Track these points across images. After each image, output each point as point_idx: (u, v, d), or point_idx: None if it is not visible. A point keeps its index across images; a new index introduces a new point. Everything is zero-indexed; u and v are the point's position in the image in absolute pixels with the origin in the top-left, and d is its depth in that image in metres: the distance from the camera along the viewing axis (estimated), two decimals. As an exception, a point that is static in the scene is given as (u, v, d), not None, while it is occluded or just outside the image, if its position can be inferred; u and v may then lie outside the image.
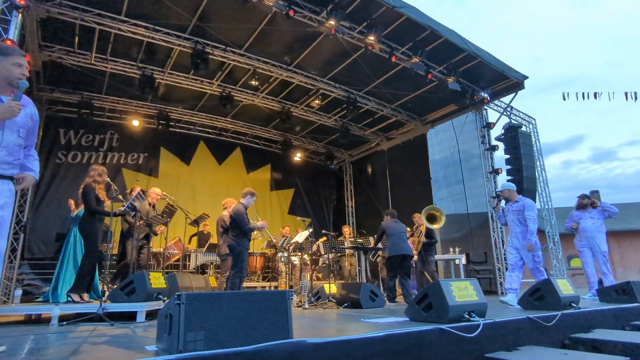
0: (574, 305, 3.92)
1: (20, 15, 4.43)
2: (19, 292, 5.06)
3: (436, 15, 7.05)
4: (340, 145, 12.52)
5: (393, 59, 7.55)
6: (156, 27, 7.02)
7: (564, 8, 76.17)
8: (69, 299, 4.57)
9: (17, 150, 2.36)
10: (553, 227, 10.21)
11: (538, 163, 10.29)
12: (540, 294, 4.09)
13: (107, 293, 4.49)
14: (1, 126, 2.25)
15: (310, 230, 6.77)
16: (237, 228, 5.44)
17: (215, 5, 6.56)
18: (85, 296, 4.67)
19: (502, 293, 8.52)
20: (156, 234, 6.65)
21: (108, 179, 5.02)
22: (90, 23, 6.56)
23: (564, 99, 10.17)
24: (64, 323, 3.70)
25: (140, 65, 7.98)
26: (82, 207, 5.13)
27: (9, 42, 4.14)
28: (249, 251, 8.42)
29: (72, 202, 5.95)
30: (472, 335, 2.65)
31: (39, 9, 5.99)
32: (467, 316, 2.96)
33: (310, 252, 8.03)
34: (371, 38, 7.01)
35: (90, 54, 7.48)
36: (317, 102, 9.69)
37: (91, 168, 4.99)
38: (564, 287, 4.04)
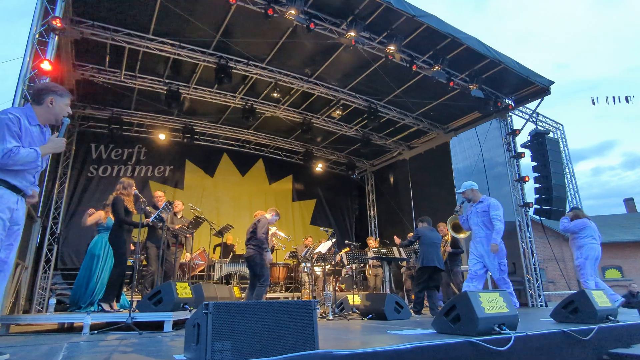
0: (612, 318, 3.73)
1: (56, 37, 4.69)
2: (53, 301, 5.24)
3: (454, 22, 7.04)
4: (362, 155, 12.49)
5: (414, 68, 7.54)
6: (182, 44, 7.27)
7: (584, 10, 74.24)
8: (100, 308, 4.70)
9: None
10: (585, 237, 9.78)
11: (567, 170, 9.98)
12: (574, 307, 3.91)
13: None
14: (47, 157, 2.56)
15: (333, 240, 6.75)
16: (258, 238, 5.58)
17: (238, 21, 6.75)
18: (115, 305, 4.79)
19: (532, 305, 8.22)
20: (182, 244, 6.79)
21: (136, 191, 5.18)
22: (120, 42, 6.87)
23: (594, 103, 9.90)
24: (95, 332, 3.80)
25: (166, 81, 8.26)
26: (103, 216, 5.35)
27: (47, 62, 4.38)
28: (273, 262, 8.50)
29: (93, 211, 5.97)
30: (504, 348, 2.56)
31: (73, 30, 6.33)
32: (497, 329, 2.86)
33: (333, 262, 7.99)
34: (391, 48, 7.03)
35: (120, 72, 7.81)
36: (338, 112, 9.75)
37: (119, 181, 5.17)
38: (600, 299, 3.85)
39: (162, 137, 9.91)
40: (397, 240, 7.36)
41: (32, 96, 2.60)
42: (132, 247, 5.95)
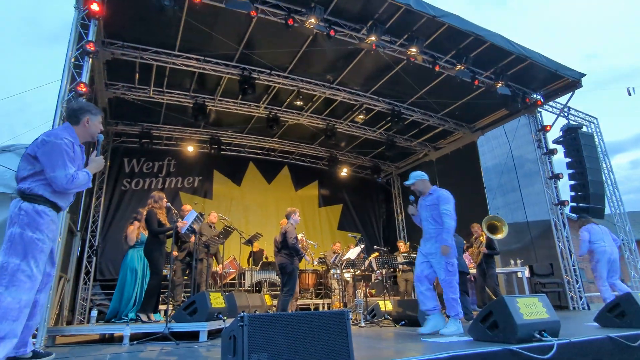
0: (662, 322, 3.52)
1: (90, 60, 4.92)
2: (94, 312, 5.46)
3: (475, 19, 6.87)
4: (387, 158, 12.39)
5: (437, 69, 7.43)
6: (206, 58, 7.47)
7: (614, -5, 70.97)
8: (138, 318, 4.86)
9: None
10: (628, 234, 9.33)
11: (604, 165, 9.54)
12: (620, 310, 3.71)
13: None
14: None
15: (362, 246, 6.71)
16: (289, 247, 5.59)
17: (259, 33, 6.87)
18: (152, 316, 4.95)
19: (574, 308, 7.87)
20: (214, 254, 6.97)
21: (168, 204, 5.35)
22: (148, 60, 7.13)
23: (629, 94, 9.45)
24: (135, 342, 3.93)
25: (193, 94, 8.50)
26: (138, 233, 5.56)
27: (82, 85, 4.60)
28: (302, 268, 8.54)
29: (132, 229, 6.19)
30: (546, 357, 2.46)
31: (105, 52, 6.64)
32: (538, 336, 2.76)
33: (362, 268, 7.94)
34: (413, 50, 6.96)
35: (149, 88, 8.10)
36: (361, 117, 9.72)
37: (150, 195, 5.38)
38: (649, 301, 3.65)
39: (190, 149, 10.18)
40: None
41: (68, 117, 2.69)
42: (176, 253, 6.16)
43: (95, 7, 4.99)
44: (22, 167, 2.46)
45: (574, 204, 8.40)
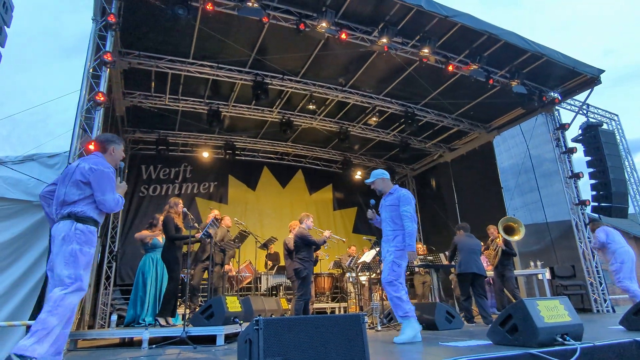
0: (692, 325, 3.38)
1: (108, 69, 5.05)
2: (114, 317, 5.56)
3: (489, 18, 6.78)
4: (401, 160, 12.30)
5: (450, 69, 7.36)
6: (220, 65, 7.58)
7: (634, -13, 68.98)
8: (157, 322, 4.93)
9: None
10: (654, 234, 9.00)
11: (626, 163, 9.26)
12: (646, 313, 3.59)
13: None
14: None
15: (377, 249, 6.66)
16: (304, 250, 5.60)
17: (271, 38, 6.94)
18: (170, 320, 5.01)
19: (598, 311, 7.63)
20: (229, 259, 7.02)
21: (185, 209, 5.43)
22: (163, 69, 7.28)
23: (652, 89, 9.14)
24: (154, 346, 3.99)
25: (207, 101, 8.63)
26: (152, 236, 5.67)
27: (100, 94, 4.73)
28: (317, 272, 8.53)
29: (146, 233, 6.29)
30: (569, 361, 2.40)
31: (122, 62, 6.80)
32: (560, 339, 2.68)
33: (378, 271, 7.88)
34: (425, 50, 6.91)
35: (165, 96, 8.26)
36: (374, 119, 9.69)
37: (167, 201, 5.48)
38: (677, 304, 3.51)
39: (205, 154, 10.31)
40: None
41: (99, 148, 3.17)
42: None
43: (112, 19, 5.12)
44: (71, 192, 2.84)
45: (596, 204, 8.17)
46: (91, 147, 4.58)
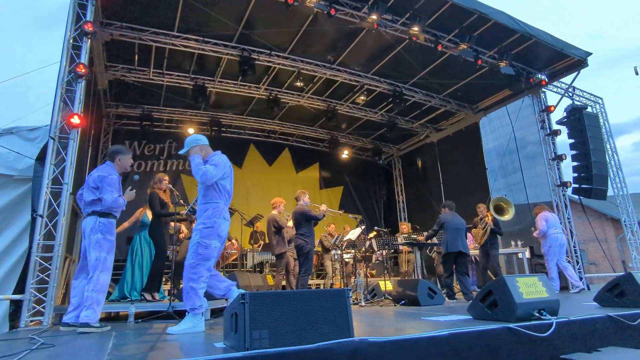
0: (661, 301, 3.55)
1: (89, 40, 4.85)
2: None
3: (479, -1, 6.70)
4: (388, 140, 12.32)
5: (439, 48, 7.30)
6: (205, 39, 7.35)
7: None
8: (143, 297, 4.94)
9: None
10: (630, 215, 9.34)
11: (608, 146, 9.47)
12: (620, 290, 3.74)
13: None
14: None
15: (363, 227, 6.75)
16: (304, 225, 5.71)
17: (259, 12, 6.73)
18: (157, 295, 5.02)
19: (572, 286, 7.93)
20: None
21: (170, 186, 5.36)
22: (147, 41, 7.03)
23: (637, 73, 9.30)
24: (140, 320, 4.01)
25: (192, 76, 8.41)
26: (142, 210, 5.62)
27: (81, 66, 4.55)
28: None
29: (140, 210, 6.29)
30: (545, 335, 2.50)
31: (103, 33, 6.53)
32: (537, 314, 2.79)
33: (363, 249, 8.01)
34: (415, 29, 6.83)
35: (149, 70, 8.01)
36: (362, 98, 9.62)
37: (152, 177, 5.41)
38: (648, 281, 3.67)
39: (190, 131, 10.10)
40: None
41: (108, 157, 3.87)
42: (183, 234, 6.27)
43: (91, -15, 4.88)
44: (88, 195, 3.64)
45: (577, 186, 8.38)
46: (72, 120, 4.45)
